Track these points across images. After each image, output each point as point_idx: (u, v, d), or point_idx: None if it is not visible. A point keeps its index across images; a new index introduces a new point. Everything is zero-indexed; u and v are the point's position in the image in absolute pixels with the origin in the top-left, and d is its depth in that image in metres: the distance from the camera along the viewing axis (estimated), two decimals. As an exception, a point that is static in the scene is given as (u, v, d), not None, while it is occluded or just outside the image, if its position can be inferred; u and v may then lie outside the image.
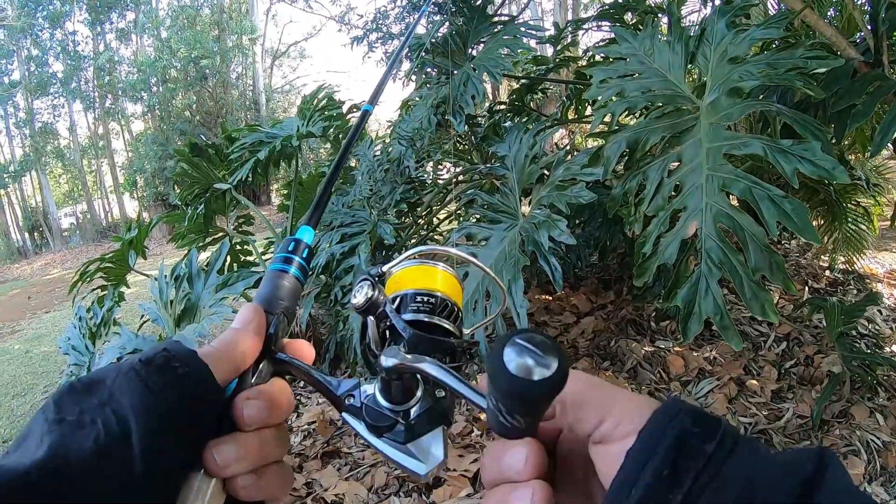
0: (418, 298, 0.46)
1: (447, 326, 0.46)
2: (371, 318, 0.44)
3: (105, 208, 21.58)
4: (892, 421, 2.09)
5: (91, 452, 0.31)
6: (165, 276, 2.69)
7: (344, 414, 0.43)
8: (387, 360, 0.39)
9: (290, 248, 0.50)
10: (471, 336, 0.48)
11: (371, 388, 0.43)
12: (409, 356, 0.39)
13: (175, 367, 0.37)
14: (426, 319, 0.45)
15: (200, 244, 3.88)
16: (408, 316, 0.45)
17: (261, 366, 0.43)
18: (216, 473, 0.37)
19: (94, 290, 3.54)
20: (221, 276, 2.51)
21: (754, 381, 2.43)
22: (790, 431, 2.12)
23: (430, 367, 0.38)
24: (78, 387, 0.36)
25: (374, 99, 0.75)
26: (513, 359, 0.29)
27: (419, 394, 0.42)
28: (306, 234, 0.52)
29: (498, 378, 0.29)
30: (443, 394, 0.42)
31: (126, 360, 0.37)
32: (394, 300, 0.47)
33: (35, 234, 20.21)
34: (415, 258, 0.49)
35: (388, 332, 0.45)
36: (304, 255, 0.50)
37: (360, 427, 0.42)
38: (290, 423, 2.58)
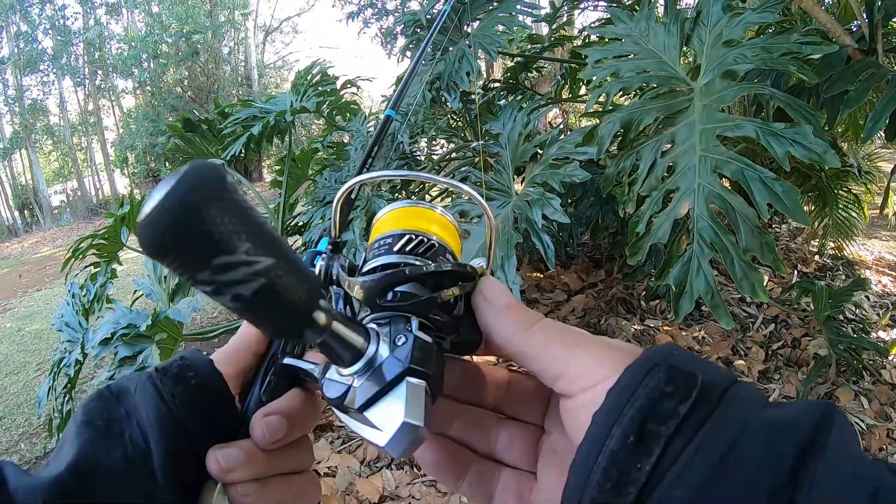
0: (375, 245, 0.41)
1: (414, 262, 0.38)
2: (337, 288, 0.41)
3: (96, 185, 21.35)
4: (876, 404, 2.13)
5: (119, 463, 0.32)
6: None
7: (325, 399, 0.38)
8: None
9: (312, 263, 0.45)
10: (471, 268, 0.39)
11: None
12: None
13: (189, 378, 0.36)
14: (387, 261, 0.39)
15: (193, 221, 3.86)
16: (372, 264, 0.39)
17: (269, 375, 0.40)
18: (218, 476, 0.35)
19: (86, 267, 3.53)
20: (215, 251, 2.49)
21: (742, 362, 2.47)
22: (775, 411, 2.16)
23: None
24: (106, 394, 0.36)
25: (396, 104, 0.71)
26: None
27: (369, 348, 0.34)
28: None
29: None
30: (403, 339, 0.34)
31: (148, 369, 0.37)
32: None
33: (25, 212, 19.99)
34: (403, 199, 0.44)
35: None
36: None
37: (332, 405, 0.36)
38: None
